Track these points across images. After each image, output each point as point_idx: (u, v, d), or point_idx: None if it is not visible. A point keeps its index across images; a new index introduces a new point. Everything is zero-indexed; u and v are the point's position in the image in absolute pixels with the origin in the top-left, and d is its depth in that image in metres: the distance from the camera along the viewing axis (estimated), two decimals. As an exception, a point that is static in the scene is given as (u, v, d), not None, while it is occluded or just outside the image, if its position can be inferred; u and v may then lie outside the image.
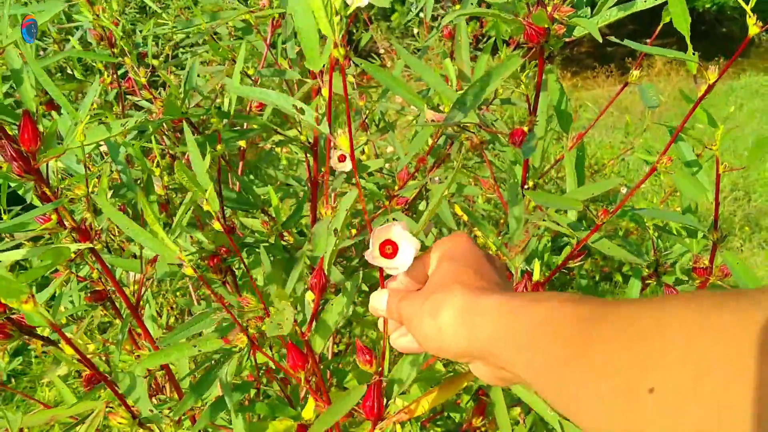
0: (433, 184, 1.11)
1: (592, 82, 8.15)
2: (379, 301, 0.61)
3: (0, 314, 0.72)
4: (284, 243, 1.17)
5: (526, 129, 0.86)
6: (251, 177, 1.54)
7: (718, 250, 0.78)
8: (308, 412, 1.01)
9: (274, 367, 1.07)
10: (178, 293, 1.37)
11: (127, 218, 0.69)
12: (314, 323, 0.75)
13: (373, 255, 0.58)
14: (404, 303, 0.57)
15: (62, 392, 1.10)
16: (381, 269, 0.65)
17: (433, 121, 0.84)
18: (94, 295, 1.14)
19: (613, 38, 0.68)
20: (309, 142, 1.20)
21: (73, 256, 0.88)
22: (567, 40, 0.77)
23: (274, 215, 1.11)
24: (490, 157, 1.08)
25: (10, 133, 0.78)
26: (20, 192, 1.25)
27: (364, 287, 1.31)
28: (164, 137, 1.37)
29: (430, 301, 0.53)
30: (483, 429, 1.17)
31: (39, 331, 0.76)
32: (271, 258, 1.19)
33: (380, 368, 0.68)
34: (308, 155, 1.28)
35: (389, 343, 0.67)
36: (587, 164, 3.74)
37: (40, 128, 0.80)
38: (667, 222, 1.18)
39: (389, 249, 0.59)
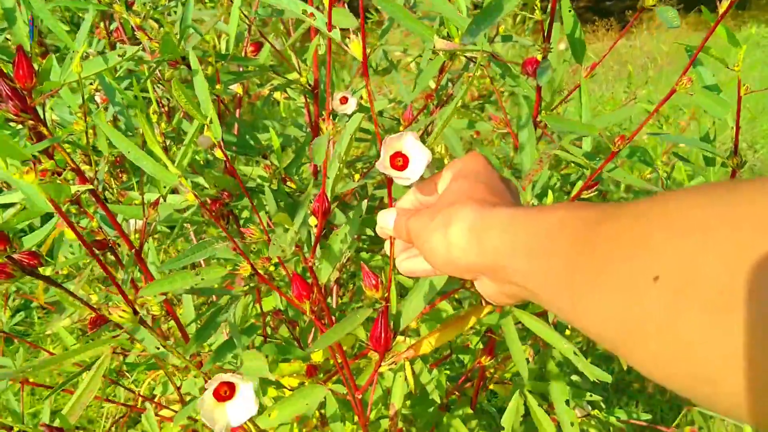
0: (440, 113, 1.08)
1: (592, 37, 8.05)
2: (386, 220, 0.60)
3: (0, 253, 0.70)
4: (287, 189, 1.15)
5: (539, 57, 0.83)
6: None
7: (737, 177, 0.76)
8: (317, 354, 1.01)
9: (282, 308, 1.06)
10: (179, 240, 1.34)
11: (127, 140, 0.66)
12: (318, 250, 0.73)
13: (384, 165, 0.57)
14: (413, 219, 0.55)
15: (65, 341, 1.09)
16: (390, 188, 0.63)
17: (443, 50, 0.81)
18: (94, 245, 1.12)
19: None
20: (309, 85, 1.17)
21: (73, 196, 0.86)
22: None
23: (275, 160, 1.08)
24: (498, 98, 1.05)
25: (4, 70, 0.75)
26: (16, 139, 1.22)
27: (369, 232, 1.29)
28: (156, 87, 1.33)
29: (440, 216, 0.51)
30: (492, 370, 1.17)
31: (41, 271, 0.74)
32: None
33: (387, 294, 0.66)
34: (308, 99, 1.25)
35: (395, 266, 0.65)
36: (588, 117, 3.69)
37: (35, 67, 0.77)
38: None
39: (400, 161, 0.57)
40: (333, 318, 1.25)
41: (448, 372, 1.22)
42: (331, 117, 1.25)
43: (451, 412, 1.04)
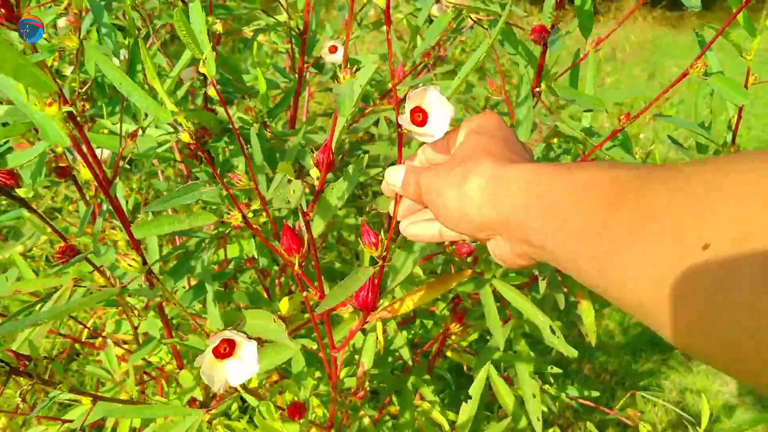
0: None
1: (561, 23, 8.09)
2: (395, 177, 0.57)
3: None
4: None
5: (548, 25, 0.82)
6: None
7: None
8: (284, 306, 0.98)
9: (255, 256, 1.03)
10: (135, 177, 1.29)
11: (120, 71, 0.62)
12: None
13: (407, 120, 0.54)
14: (425, 174, 0.53)
15: (21, 269, 1.04)
16: (400, 145, 0.61)
17: (453, 6, 0.79)
18: (57, 171, 1.06)
19: None
20: (298, 29, 1.12)
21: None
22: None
23: (259, 103, 1.04)
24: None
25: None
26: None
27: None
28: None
29: (455, 171, 0.49)
30: (453, 337, 1.17)
31: (20, 193, 0.69)
32: (249, 149, 1.13)
33: (385, 252, 0.64)
34: (294, 44, 1.21)
35: (399, 229, 0.63)
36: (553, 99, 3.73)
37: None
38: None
39: (419, 116, 0.55)
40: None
41: (409, 336, 1.21)
42: (315, 65, 1.21)
43: (417, 376, 1.03)
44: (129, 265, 0.59)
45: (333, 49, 1.11)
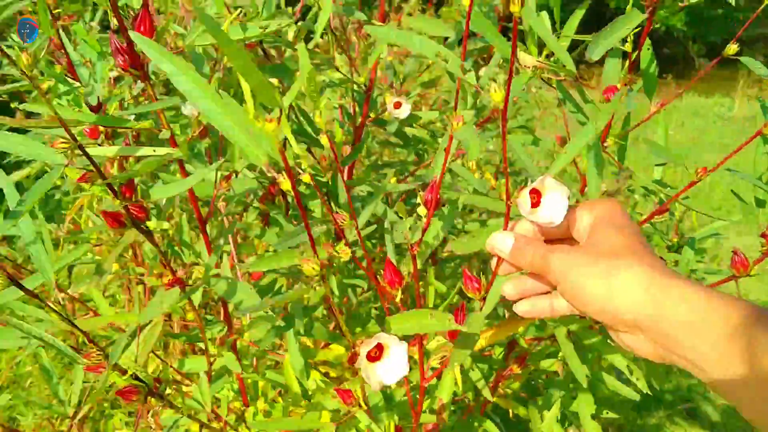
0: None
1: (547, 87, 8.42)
2: (502, 243, 0.62)
3: (125, 199, 0.70)
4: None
5: (619, 86, 0.90)
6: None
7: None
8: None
9: (335, 293, 1.07)
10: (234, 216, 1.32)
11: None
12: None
13: (526, 210, 0.59)
14: (559, 256, 0.57)
15: (98, 304, 1.07)
16: (508, 213, 0.66)
17: (534, 67, 0.87)
18: (135, 209, 1.11)
19: None
20: (365, 86, 1.20)
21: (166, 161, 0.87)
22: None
23: (331, 153, 1.11)
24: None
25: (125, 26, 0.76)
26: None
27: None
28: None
29: (602, 264, 0.53)
30: (505, 383, 1.21)
31: (150, 226, 0.74)
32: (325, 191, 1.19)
33: (485, 295, 0.70)
34: (355, 100, 1.28)
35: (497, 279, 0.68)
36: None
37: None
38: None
39: (534, 198, 0.60)
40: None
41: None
42: (376, 120, 1.28)
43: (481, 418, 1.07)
44: (311, 269, 0.64)
45: (398, 105, 1.18)
